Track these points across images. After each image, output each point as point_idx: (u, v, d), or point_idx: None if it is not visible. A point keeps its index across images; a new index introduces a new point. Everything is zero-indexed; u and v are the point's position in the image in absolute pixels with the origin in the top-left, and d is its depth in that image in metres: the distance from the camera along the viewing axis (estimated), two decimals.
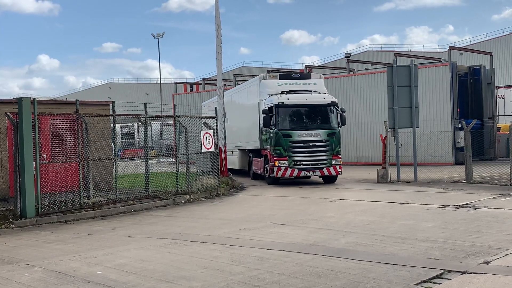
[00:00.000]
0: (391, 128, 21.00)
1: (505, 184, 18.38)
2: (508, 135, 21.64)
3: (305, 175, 20.93)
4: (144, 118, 17.82)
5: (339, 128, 21.25)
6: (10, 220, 13.42)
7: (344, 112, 21.47)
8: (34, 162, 13.64)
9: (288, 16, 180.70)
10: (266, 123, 20.94)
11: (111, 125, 18.16)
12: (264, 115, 21.01)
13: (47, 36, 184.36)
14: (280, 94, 21.23)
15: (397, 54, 31.74)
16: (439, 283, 6.93)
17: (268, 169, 21.48)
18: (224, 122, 24.18)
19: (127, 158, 25.05)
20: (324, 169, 20.63)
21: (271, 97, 21.34)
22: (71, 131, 15.90)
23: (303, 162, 20.54)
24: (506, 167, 19.82)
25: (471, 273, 7.34)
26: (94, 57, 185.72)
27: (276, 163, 20.50)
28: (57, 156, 15.77)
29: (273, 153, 20.69)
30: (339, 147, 20.98)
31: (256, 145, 23.62)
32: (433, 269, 7.59)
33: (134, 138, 47.75)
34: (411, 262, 8.04)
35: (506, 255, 8.32)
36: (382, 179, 20.98)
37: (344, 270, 7.74)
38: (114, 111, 17.31)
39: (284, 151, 20.40)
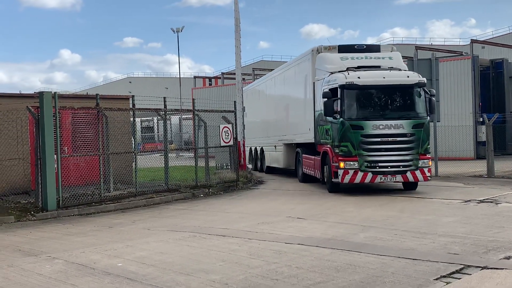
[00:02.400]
0: None
1: None
2: None
3: (382, 181, 15.48)
4: (163, 112, 17.91)
5: (428, 117, 15.74)
6: (32, 212, 13.59)
7: (434, 96, 16.19)
8: (55, 156, 13.78)
9: (308, 9, 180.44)
10: (328, 111, 15.57)
11: (131, 119, 18.24)
12: (325, 99, 15.68)
13: (69, 31, 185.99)
14: (346, 71, 15.77)
15: (418, 48, 31.48)
16: (459, 278, 6.88)
17: (329, 172, 16.14)
18: (243, 116, 23.99)
19: (147, 151, 25.17)
20: (409, 173, 15.09)
21: (334, 75, 15.91)
22: (91, 124, 16.02)
23: (380, 164, 15.06)
24: None
25: (491, 268, 7.28)
26: (115, 51, 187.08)
27: (342, 165, 15.13)
28: (78, 150, 15.94)
29: (337, 151, 15.42)
30: (429, 144, 15.55)
31: (308, 138, 18.46)
32: (453, 264, 7.54)
33: (153, 132, 47.99)
34: (430, 257, 7.99)
35: None
36: None
37: (362, 264, 7.72)
38: (134, 105, 17.43)
39: (354, 149, 15.01)
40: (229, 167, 21.43)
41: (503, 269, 7.23)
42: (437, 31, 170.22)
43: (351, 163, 15.03)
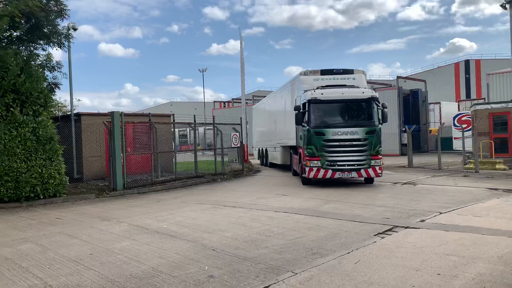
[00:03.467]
0: None
1: (434, 168, 18.14)
2: (436, 136, 21.38)
3: (340, 177, 13.49)
4: (193, 125, 17.87)
5: (380, 125, 13.72)
6: (106, 192, 13.56)
7: (386, 108, 13.92)
8: (121, 154, 13.77)
9: (289, 57, 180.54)
10: (298, 120, 13.99)
11: (172, 129, 18.34)
12: (296, 111, 14.08)
13: (131, 71, 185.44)
14: (315, 89, 14.14)
15: None
16: (390, 234, 6.88)
17: (301, 168, 14.79)
18: (246, 127, 23.90)
19: (183, 151, 25.16)
20: (362, 171, 13.32)
21: (305, 93, 14.22)
22: (146, 133, 16.00)
23: (338, 163, 13.33)
24: (434, 157, 19.59)
25: (412, 227, 7.29)
26: (161, 85, 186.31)
27: (308, 163, 13.54)
28: (137, 150, 15.91)
29: (305, 152, 13.74)
30: (380, 147, 13.60)
31: (294, 142, 16.60)
32: (386, 225, 7.54)
33: (187, 138, 47.95)
34: (371, 220, 7.99)
35: (435, 216, 8.24)
36: None
37: (326, 225, 7.71)
38: (174, 120, 17.67)
39: (317, 151, 13.34)
40: (237, 161, 21.43)
41: (419, 228, 7.23)
42: (374, 70, 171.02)
43: (315, 162, 13.38)
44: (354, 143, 13.26)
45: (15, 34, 14.13)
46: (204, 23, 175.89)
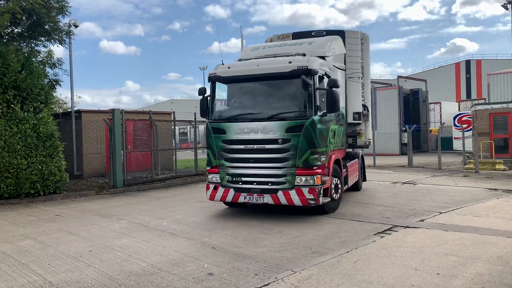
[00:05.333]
0: None
1: (434, 168, 18.13)
2: (436, 135, 21.37)
3: (246, 201, 8.16)
4: (194, 123, 17.86)
5: (321, 116, 7.92)
6: (106, 189, 13.55)
7: (335, 87, 7.98)
8: (122, 151, 13.76)
9: None
10: (202, 110, 8.70)
11: (172, 127, 18.31)
12: (201, 96, 8.67)
13: (132, 69, 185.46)
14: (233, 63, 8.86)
15: None
16: (390, 234, 6.87)
17: None
18: None
19: (183, 149, 25.14)
20: (280, 193, 7.82)
21: None
22: (146, 130, 16.00)
23: (243, 178, 8.17)
24: (435, 156, 19.58)
25: (411, 227, 7.28)
26: (162, 82, 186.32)
27: (208, 177, 8.70)
28: (137, 147, 15.90)
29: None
30: (316, 153, 7.77)
31: None
32: (386, 224, 7.53)
33: (187, 136, 47.92)
34: (371, 220, 7.98)
35: (435, 215, 8.23)
36: None
37: (326, 224, 7.70)
38: (174, 118, 17.62)
39: (214, 158, 8.46)
40: None
41: (418, 228, 7.23)
42: (376, 70, 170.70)
43: (212, 175, 8.53)
44: (266, 146, 7.88)
45: (16, 30, 14.12)
46: (206, 21, 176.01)
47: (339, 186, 9.05)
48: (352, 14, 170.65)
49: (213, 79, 8.61)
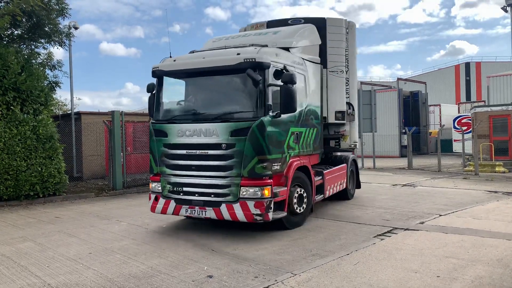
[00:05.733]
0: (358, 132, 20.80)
1: (434, 170, 18.13)
2: (436, 138, 21.38)
3: (188, 214, 7.11)
4: None
5: (273, 116, 6.71)
6: (106, 191, 13.54)
7: (291, 83, 6.71)
8: (121, 153, 13.75)
9: None
10: (149, 109, 7.80)
11: None
12: (149, 94, 7.76)
13: (132, 70, 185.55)
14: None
15: (362, 83, 31.41)
16: (390, 236, 6.87)
17: None
18: None
19: None
20: (223, 207, 6.70)
21: None
22: (146, 133, 15.98)
23: (184, 188, 7.10)
24: (434, 159, 19.60)
25: (411, 229, 7.28)
26: None
27: (150, 186, 7.59)
28: (137, 149, 15.90)
29: None
30: (266, 161, 6.57)
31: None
32: (385, 226, 7.53)
33: None
34: (371, 222, 7.98)
35: (434, 218, 8.23)
36: None
37: (325, 226, 7.70)
38: None
39: (155, 164, 7.41)
40: None
41: (418, 230, 7.22)
42: (375, 72, 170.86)
43: (155, 184, 7.47)
44: (209, 152, 6.82)
45: (16, 32, 14.13)
46: (206, 23, 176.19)
47: (305, 197, 7.65)
48: (352, 16, 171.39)
49: (157, 74, 7.52)
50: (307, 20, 9.37)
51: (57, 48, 15.70)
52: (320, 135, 8.85)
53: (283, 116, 6.95)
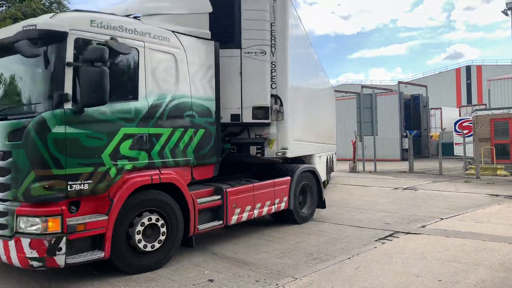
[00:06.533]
0: (358, 136, 20.83)
1: (435, 174, 18.10)
2: (437, 141, 21.40)
3: None
4: None
5: (73, 110, 4.50)
6: None
7: (100, 62, 4.49)
8: None
9: None
10: None
11: None
12: None
13: None
14: None
15: (363, 86, 31.46)
16: (391, 240, 6.86)
17: None
18: None
19: None
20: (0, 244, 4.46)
21: None
22: None
23: None
24: (435, 162, 19.58)
25: (412, 233, 7.26)
26: None
27: None
28: None
29: None
30: (52, 178, 4.34)
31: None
32: (386, 230, 7.51)
33: None
34: (372, 226, 7.96)
35: (436, 221, 8.21)
36: (352, 170, 20.76)
37: (327, 230, 7.68)
38: None
39: None
40: None
41: (420, 234, 7.21)
42: (376, 75, 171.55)
43: None
44: None
45: None
46: None
47: (168, 229, 5.50)
48: (353, 20, 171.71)
49: None
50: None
51: None
52: (215, 138, 6.34)
53: (94, 109, 4.71)
